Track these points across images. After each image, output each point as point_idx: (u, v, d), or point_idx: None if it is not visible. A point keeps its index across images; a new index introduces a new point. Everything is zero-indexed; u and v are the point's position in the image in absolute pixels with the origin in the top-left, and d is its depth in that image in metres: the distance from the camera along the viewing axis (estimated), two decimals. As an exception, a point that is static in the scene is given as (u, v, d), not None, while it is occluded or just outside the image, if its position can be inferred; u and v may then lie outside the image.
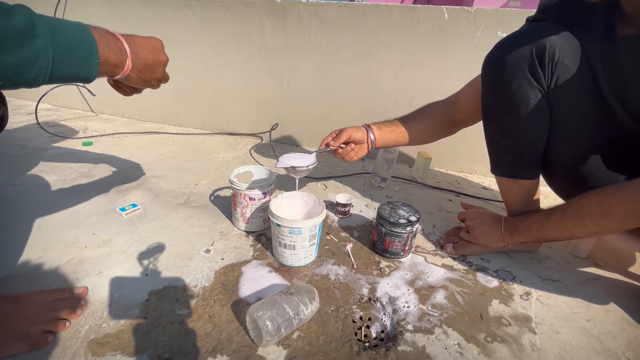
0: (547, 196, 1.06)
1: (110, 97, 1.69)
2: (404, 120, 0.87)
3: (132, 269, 0.68)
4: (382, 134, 0.84)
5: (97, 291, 0.62)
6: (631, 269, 0.79)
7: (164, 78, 0.60)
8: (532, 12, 0.92)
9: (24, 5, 0.39)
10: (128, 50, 0.49)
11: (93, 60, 0.44)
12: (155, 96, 1.60)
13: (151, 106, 1.64)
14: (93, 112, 1.76)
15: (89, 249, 0.73)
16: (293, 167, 0.74)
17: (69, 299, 0.58)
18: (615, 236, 0.72)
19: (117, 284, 0.64)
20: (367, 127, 0.83)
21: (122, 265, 0.69)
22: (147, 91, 1.46)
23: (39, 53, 0.38)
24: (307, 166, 0.75)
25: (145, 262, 0.71)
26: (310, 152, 0.78)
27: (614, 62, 0.58)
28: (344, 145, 0.81)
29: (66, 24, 0.42)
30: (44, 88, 1.70)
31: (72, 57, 0.41)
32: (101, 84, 1.72)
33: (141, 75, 0.54)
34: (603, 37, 0.58)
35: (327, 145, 0.81)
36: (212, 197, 0.98)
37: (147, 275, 0.67)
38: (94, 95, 1.68)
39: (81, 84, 1.66)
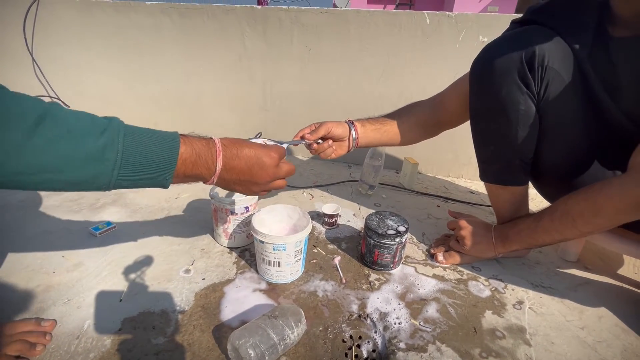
0: (534, 198, 1.06)
1: (85, 107, 1.62)
2: (389, 118, 0.82)
3: (105, 295, 0.63)
4: (365, 132, 0.79)
5: (65, 322, 0.57)
6: (620, 272, 0.79)
7: (268, 189, 0.55)
8: (511, 16, 0.92)
9: (113, 120, 0.39)
10: (218, 169, 0.47)
11: (163, 177, 0.42)
12: (133, 105, 1.55)
13: (129, 116, 1.57)
14: (68, 123, 1.68)
15: (57, 274, 0.68)
16: None
17: (32, 332, 0.53)
18: (602, 239, 0.72)
19: (88, 312, 0.59)
20: (350, 123, 0.78)
21: (93, 291, 0.64)
22: (124, 100, 1.39)
23: (99, 175, 0.37)
24: None
25: (120, 286, 0.66)
26: (281, 143, 0.70)
27: (606, 63, 0.57)
28: (320, 141, 0.77)
29: (149, 139, 0.41)
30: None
31: (138, 175, 0.40)
32: (75, 93, 1.63)
33: (230, 187, 0.52)
34: (592, 40, 0.58)
35: (303, 137, 0.75)
36: (193, 212, 0.94)
37: (120, 301, 0.62)
38: (68, 106, 1.61)
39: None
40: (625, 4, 0.54)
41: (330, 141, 0.77)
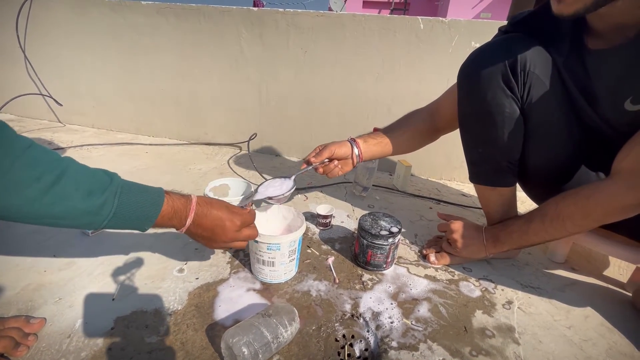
0: (524, 202, 1.08)
1: (78, 106, 1.61)
2: (389, 131, 0.86)
3: (97, 294, 0.63)
4: (368, 147, 0.82)
5: (56, 320, 0.57)
6: (605, 273, 0.81)
7: (227, 247, 0.61)
8: (503, 23, 0.94)
9: (114, 179, 0.47)
10: (188, 223, 0.54)
11: (143, 227, 0.50)
12: (128, 105, 1.54)
13: (123, 116, 1.57)
14: (60, 122, 1.67)
15: (48, 273, 0.67)
16: (270, 197, 0.72)
17: (19, 330, 0.52)
18: (589, 241, 0.74)
19: (79, 311, 0.59)
20: (352, 141, 0.82)
21: (85, 290, 0.63)
22: (118, 100, 1.40)
23: (92, 223, 0.45)
24: (284, 194, 0.72)
25: (112, 285, 0.65)
26: (289, 176, 0.76)
27: (581, 71, 0.60)
28: (326, 161, 0.80)
29: (139, 198, 0.48)
30: (4, 97, 1.59)
31: (123, 224, 0.47)
32: (68, 92, 1.62)
33: (195, 239, 0.58)
34: (569, 49, 0.61)
35: (309, 163, 0.79)
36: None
37: (113, 300, 0.62)
38: (61, 105, 1.60)
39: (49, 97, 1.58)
40: (598, 18, 0.56)
41: (336, 161, 0.80)
